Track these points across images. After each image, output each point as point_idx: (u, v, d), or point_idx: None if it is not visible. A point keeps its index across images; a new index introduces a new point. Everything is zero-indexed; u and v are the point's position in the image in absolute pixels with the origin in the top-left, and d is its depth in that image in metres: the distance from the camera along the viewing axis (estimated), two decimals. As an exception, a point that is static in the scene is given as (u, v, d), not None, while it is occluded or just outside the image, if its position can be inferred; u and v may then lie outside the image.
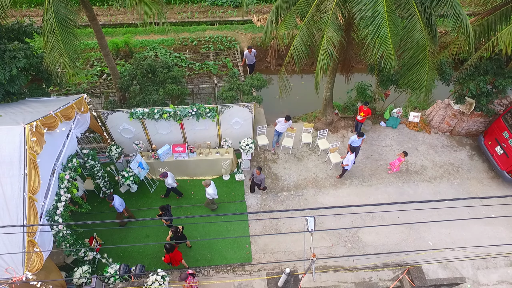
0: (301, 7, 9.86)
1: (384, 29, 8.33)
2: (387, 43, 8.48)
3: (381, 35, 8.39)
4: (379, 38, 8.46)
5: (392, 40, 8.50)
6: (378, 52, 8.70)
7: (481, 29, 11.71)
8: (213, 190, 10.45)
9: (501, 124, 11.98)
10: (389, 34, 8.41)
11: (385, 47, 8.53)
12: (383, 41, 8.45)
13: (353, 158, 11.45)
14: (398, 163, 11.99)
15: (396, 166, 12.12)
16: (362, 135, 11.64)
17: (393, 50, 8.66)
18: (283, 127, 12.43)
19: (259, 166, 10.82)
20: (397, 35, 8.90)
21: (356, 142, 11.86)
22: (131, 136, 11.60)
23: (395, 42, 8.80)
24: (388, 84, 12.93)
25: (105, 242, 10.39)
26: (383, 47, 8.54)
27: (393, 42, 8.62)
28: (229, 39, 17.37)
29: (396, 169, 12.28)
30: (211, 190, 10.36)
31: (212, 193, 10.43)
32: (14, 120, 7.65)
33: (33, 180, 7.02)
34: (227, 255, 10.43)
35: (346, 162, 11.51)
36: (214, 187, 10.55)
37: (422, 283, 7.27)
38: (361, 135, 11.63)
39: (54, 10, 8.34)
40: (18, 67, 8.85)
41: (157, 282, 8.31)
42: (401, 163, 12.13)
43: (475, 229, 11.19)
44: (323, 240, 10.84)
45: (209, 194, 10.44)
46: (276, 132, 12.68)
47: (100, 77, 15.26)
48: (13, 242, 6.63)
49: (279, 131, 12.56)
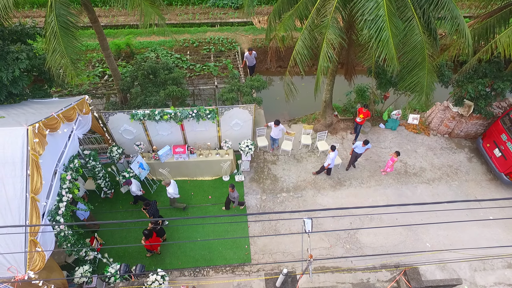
0: (299, 10, 9.95)
1: (385, 32, 8.39)
2: (389, 46, 8.52)
3: (382, 39, 8.45)
4: (381, 42, 8.52)
5: (394, 42, 8.55)
6: (380, 55, 8.74)
7: (480, 32, 11.80)
8: (173, 190, 10.51)
9: (499, 126, 12.05)
10: (390, 37, 8.45)
11: (387, 50, 8.57)
12: (385, 44, 8.50)
13: (334, 156, 11.49)
14: (391, 163, 12.05)
15: (390, 166, 12.17)
16: (367, 143, 11.57)
17: (395, 53, 8.70)
18: (277, 133, 12.40)
19: (231, 184, 10.61)
20: (398, 38, 8.96)
21: (359, 149, 11.84)
22: (132, 137, 11.71)
23: (397, 45, 8.85)
24: (388, 86, 13.02)
25: (106, 242, 10.51)
26: (385, 50, 8.57)
27: (395, 45, 8.66)
28: (229, 41, 17.47)
29: (390, 169, 12.34)
30: (171, 189, 10.43)
31: (172, 192, 10.48)
32: (17, 121, 7.76)
33: (35, 181, 7.13)
34: (227, 256, 10.52)
35: (328, 161, 11.61)
36: (174, 186, 10.62)
37: (418, 284, 7.36)
38: (366, 143, 11.57)
39: (55, 13, 8.45)
40: (21, 68, 8.97)
41: (157, 282, 8.42)
42: (394, 163, 12.15)
43: (473, 231, 11.26)
44: (321, 241, 10.94)
45: (170, 194, 10.52)
46: (271, 137, 12.71)
47: (101, 78, 15.38)
48: (15, 242, 6.74)
49: (273, 137, 12.57)
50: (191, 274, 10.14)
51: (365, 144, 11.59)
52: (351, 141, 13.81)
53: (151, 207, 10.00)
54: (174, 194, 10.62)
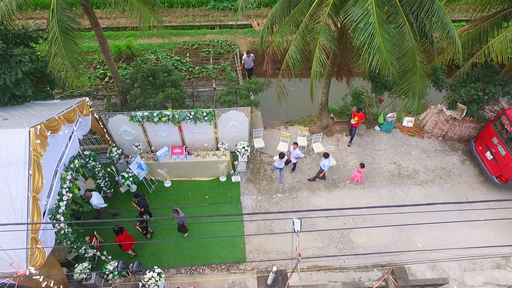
0: (295, 16, 10.22)
1: (376, 39, 8.63)
2: (381, 51, 8.75)
3: (373, 45, 8.70)
4: (373, 48, 8.76)
5: (385, 48, 8.76)
6: (373, 60, 8.96)
7: (474, 37, 12.02)
8: (97, 200, 10.36)
9: (490, 130, 12.28)
10: (382, 43, 8.67)
11: (380, 55, 8.79)
12: (377, 49, 8.74)
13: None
14: (358, 174, 12.13)
15: (358, 177, 12.23)
16: (326, 156, 11.64)
17: (388, 57, 8.90)
18: (280, 163, 11.86)
19: (175, 208, 10.01)
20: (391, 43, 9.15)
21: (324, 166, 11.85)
22: (131, 138, 12.00)
23: (390, 49, 9.02)
24: (383, 90, 13.27)
25: (105, 240, 10.80)
26: (377, 55, 8.80)
27: (387, 50, 8.85)
28: (228, 43, 17.75)
29: (358, 179, 12.40)
30: (95, 201, 10.27)
31: (96, 203, 10.34)
32: (19, 123, 8.06)
33: (36, 180, 7.43)
34: (222, 254, 10.80)
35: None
36: (97, 197, 10.37)
37: (405, 283, 7.62)
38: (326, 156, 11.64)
39: (57, 19, 8.77)
40: (24, 71, 9.27)
41: (153, 279, 8.69)
42: (361, 174, 12.17)
43: (464, 232, 11.50)
44: (315, 241, 11.20)
45: (95, 205, 10.38)
46: (274, 167, 12.41)
47: (102, 79, 15.69)
48: (17, 239, 7.03)
49: (277, 166, 12.10)
50: (187, 272, 10.42)
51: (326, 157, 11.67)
52: (346, 143, 14.06)
53: (141, 199, 10.31)
54: (100, 204, 10.45)
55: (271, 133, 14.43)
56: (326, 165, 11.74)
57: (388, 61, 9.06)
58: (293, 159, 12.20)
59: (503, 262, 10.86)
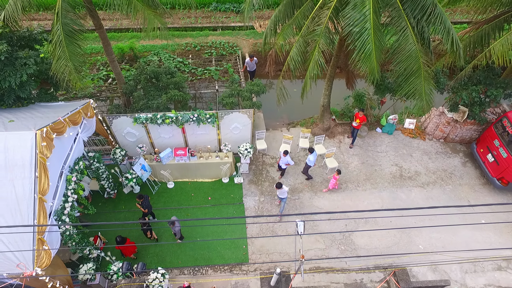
0: (298, 19, 10.30)
1: (369, 45, 8.75)
2: (371, 59, 8.88)
3: (365, 51, 8.81)
4: (364, 54, 8.87)
5: (376, 56, 8.89)
6: (362, 66, 9.11)
7: (475, 39, 12.05)
8: None
9: (492, 132, 12.34)
10: (373, 50, 8.82)
11: (369, 63, 8.94)
12: (368, 56, 8.86)
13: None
14: (334, 181, 12.10)
15: (334, 184, 12.20)
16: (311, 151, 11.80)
17: (376, 65, 9.04)
18: (282, 191, 11.31)
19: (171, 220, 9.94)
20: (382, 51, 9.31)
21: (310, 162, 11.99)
22: (135, 140, 12.08)
23: (379, 58, 9.16)
24: (385, 92, 13.33)
25: (109, 241, 10.89)
26: (367, 62, 8.94)
27: (377, 58, 9.00)
28: (231, 45, 17.83)
29: (334, 186, 12.36)
30: None
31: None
32: (25, 125, 8.14)
33: (42, 182, 7.51)
34: (225, 255, 10.88)
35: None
36: None
37: (407, 285, 7.68)
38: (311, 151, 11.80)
39: (61, 22, 8.84)
40: (28, 73, 9.35)
41: (157, 280, 8.78)
42: (337, 180, 12.16)
43: (465, 234, 11.56)
44: (317, 242, 11.27)
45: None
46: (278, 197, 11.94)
47: (105, 81, 15.77)
48: (24, 240, 7.12)
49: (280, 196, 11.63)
50: (190, 273, 10.50)
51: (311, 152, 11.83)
52: (348, 145, 14.13)
53: (145, 200, 10.42)
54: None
55: (273, 135, 14.51)
56: (311, 161, 11.82)
57: (376, 69, 9.20)
58: (283, 165, 12.27)
59: (504, 264, 10.92)
